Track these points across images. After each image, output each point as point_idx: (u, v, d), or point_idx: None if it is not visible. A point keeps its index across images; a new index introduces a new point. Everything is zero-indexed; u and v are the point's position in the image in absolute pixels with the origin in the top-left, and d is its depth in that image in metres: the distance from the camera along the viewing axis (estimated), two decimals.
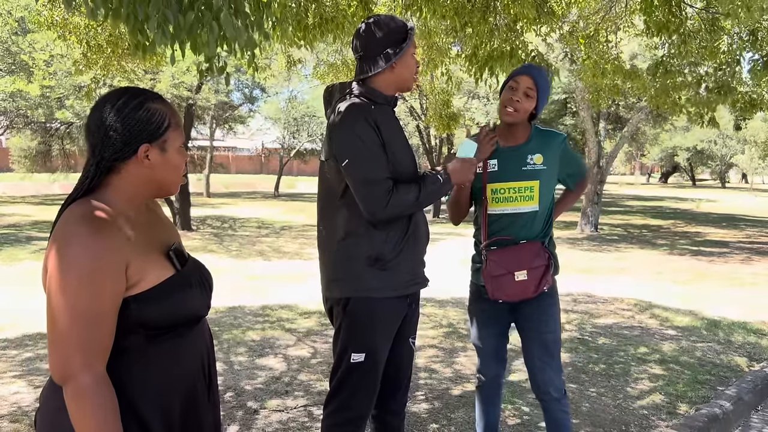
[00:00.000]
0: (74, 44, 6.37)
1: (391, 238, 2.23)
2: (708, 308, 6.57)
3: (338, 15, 4.04)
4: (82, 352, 1.29)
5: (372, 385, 2.33)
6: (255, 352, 4.64)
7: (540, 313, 2.63)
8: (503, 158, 2.60)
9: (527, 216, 2.58)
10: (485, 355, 2.78)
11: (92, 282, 1.29)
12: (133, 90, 1.43)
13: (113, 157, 1.37)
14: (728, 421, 3.73)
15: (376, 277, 2.23)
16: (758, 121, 27.47)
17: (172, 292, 1.41)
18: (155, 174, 1.43)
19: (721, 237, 14.71)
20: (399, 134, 2.30)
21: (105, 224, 1.34)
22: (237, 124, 28.09)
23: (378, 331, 2.28)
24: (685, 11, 4.56)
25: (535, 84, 2.54)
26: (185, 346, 1.48)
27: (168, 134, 1.43)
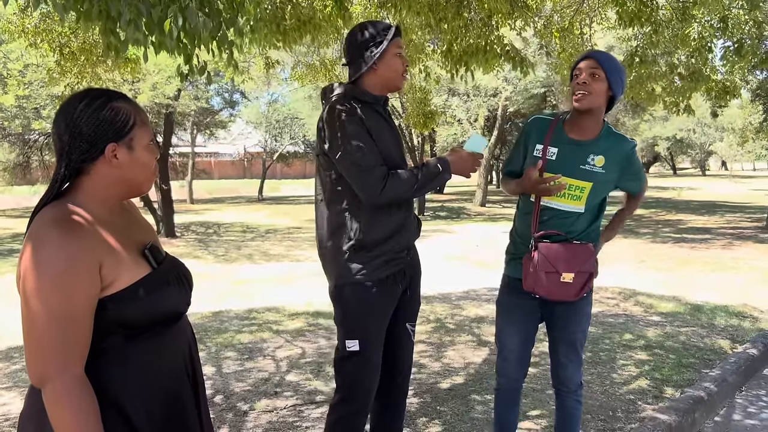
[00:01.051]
0: (47, 52, 6.30)
1: (375, 226, 2.32)
2: (691, 294, 6.66)
3: (315, 16, 4.05)
4: (57, 354, 1.29)
5: (370, 375, 2.39)
6: (243, 354, 4.63)
7: (573, 312, 2.56)
8: (564, 150, 2.44)
9: (569, 215, 2.46)
10: (509, 353, 2.63)
11: (65, 283, 1.29)
12: (95, 91, 1.43)
13: (81, 159, 1.38)
14: (713, 402, 3.78)
15: (362, 263, 2.32)
16: (735, 108, 27.81)
17: (148, 291, 1.41)
18: (124, 173, 1.42)
19: (702, 224, 14.88)
20: (387, 133, 2.38)
21: (77, 226, 1.34)
22: (218, 129, 27.95)
23: (368, 316, 2.36)
24: (656, 1, 4.63)
25: (600, 64, 2.35)
26: (165, 344, 1.48)
27: (134, 132, 1.42)
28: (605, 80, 2.35)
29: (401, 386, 2.63)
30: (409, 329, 2.56)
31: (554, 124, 2.48)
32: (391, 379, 2.57)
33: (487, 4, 4.18)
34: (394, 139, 2.44)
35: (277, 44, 4.02)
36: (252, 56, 8.87)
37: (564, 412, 2.68)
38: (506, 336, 2.64)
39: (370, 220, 2.31)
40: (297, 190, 33.29)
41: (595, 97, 2.36)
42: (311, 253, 11.22)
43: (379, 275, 2.35)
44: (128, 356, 1.40)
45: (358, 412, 2.41)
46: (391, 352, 2.52)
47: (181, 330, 1.54)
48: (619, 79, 2.40)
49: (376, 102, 2.39)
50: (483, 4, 4.23)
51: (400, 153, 2.45)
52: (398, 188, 2.25)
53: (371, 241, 2.32)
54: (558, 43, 6.20)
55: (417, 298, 2.61)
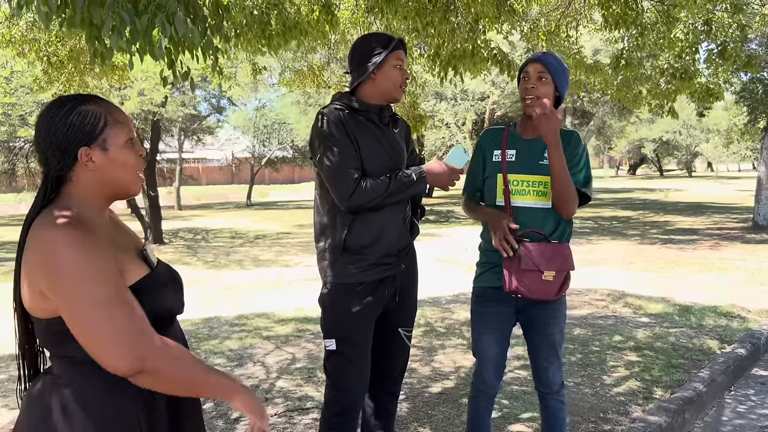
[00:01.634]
0: (34, 61, 6.26)
1: (359, 229, 2.35)
2: (680, 294, 6.71)
3: (301, 21, 4.05)
4: (141, 329, 1.28)
5: (352, 376, 2.41)
6: (233, 361, 4.61)
7: (551, 314, 2.58)
8: (521, 150, 2.52)
9: (540, 212, 2.49)
10: (488, 361, 2.65)
11: (102, 268, 1.29)
12: (62, 98, 1.42)
13: (58, 167, 1.37)
14: (702, 402, 3.81)
15: (344, 265, 2.37)
16: (720, 110, 28.08)
17: (150, 290, 1.41)
18: (104, 175, 1.40)
19: (689, 225, 14.99)
20: (379, 141, 2.42)
21: (85, 224, 1.33)
22: (205, 135, 27.86)
23: (346, 317, 2.38)
24: (641, 4, 4.66)
25: (546, 67, 2.44)
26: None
27: (106, 132, 1.40)
28: (552, 82, 2.45)
29: (392, 389, 2.66)
30: (403, 334, 2.58)
31: (507, 130, 2.59)
32: (382, 382, 2.60)
33: (474, 9, 4.19)
34: (391, 148, 2.46)
35: (262, 49, 4.01)
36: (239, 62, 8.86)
37: (549, 414, 2.70)
38: (485, 344, 2.64)
39: (355, 223, 2.35)
40: (286, 195, 33.22)
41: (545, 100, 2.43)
42: (301, 258, 11.20)
43: (363, 278, 2.37)
44: None
45: (344, 413, 2.43)
46: (383, 355, 2.54)
47: (177, 332, 1.54)
48: (564, 79, 2.51)
49: (369, 110, 2.42)
50: (470, 8, 4.25)
51: (396, 162, 2.47)
52: (367, 194, 2.29)
53: (354, 244, 2.36)
54: (545, 47, 6.23)
55: (411, 304, 2.63)
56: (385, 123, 2.49)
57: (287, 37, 3.89)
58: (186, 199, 28.05)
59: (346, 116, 2.36)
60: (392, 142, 2.49)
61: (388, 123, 2.52)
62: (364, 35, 2.52)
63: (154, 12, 2.01)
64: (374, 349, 2.51)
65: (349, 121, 2.35)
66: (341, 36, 7.19)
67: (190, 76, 2.52)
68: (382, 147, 2.43)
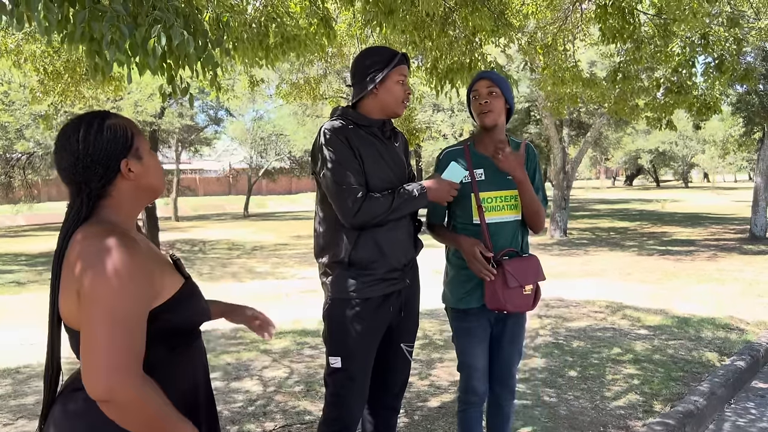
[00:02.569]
0: (30, 72, 6.25)
1: (364, 244, 2.34)
2: (678, 306, 6.70)
3: (300, 34, 4.06)
4: (127, 363, 1.29)
5: (354, 394, 2.39)
6: (230, 375, 4.58)
7: (521, 325, 2.76)
8: (488, 168, 2.61)
9: (512, 225, 2.63)
10: (478, 372, 2.72)
11: (133, 289, 1.32)
12: (86, 117, 1.45)
13: (101, 184, 1.42)
14: (703, 416, 3.79)
15: (351, 281, 2.35)
16: (716, 121, 28.20)
17: (189, 299, 1.48)
18: (141, 182, 1.48)
19: (687, 236, 15.01)
20: (382, 156, 2.41)
21: (128, 239, 1.37)
22: (203, 146, 27.88)
23: (353, 334, 2.35)
24: (638, 18, 4.68)
25: (494, 83, 2.59)
26: (197, 352, 1.55)
27: (136, 142, 1.47)
28: (502, 96, 2.60)
29: (392, 404, 2.65)
30: (405, 349, 2.57)
31: (467, 150, 2.66)
32: (383, 397, 2.59)
33: (472, 22, 4.21)
34: (394, 162, 2.46)
35: (260, 62, 4.02)
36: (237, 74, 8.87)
37: (504, 415, 2.84)
38: (473, 357, 2.71)
39: (360, 239, 2.34)
40: (283, 206, 33.19)
41: (498, 113, 2.60)
42: (297, 270, 11.17)
43: (369, 294, 2.36)
44: (173, 367, 1.44)
45: (343, 430, 2.41)
46: (384, 371, 2.53)
47: (201, 339, 1.60)
48: (511, 92, 2.67)
49: (372, 125, 2.42)
50: (467, 22, 4.26)
51: (399, 176, 2.47)
52: (373, 211, 2.29)
53: (360, 259, 2.34)
54: (542, 60, 6.25)
55: (414, 319, 2.62)
56: (387, 137, 2.50)
57: (285, 50, 3.89)
58: (183, 210, 28.02)
59: (349, 131, 2.35)
60: (394, 157, 2.49)
61: (390, 137, 2.52)
62: (367, 49, 2.51)
63: (152, 24, 2.02)
64: (376, 365, 2.49)
65: (352, 136, 2.35)
66: (338, 49, 7.22)
67: (189, 92, 2.52)
68: (385, 162, 2.43)
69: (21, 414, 3.90)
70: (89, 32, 1.92)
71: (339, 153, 2.29)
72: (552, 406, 3.84)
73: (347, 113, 2.43)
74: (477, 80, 2.64)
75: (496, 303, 2.52)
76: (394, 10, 3.78)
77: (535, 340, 5.38)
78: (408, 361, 2.62)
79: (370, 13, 3.90)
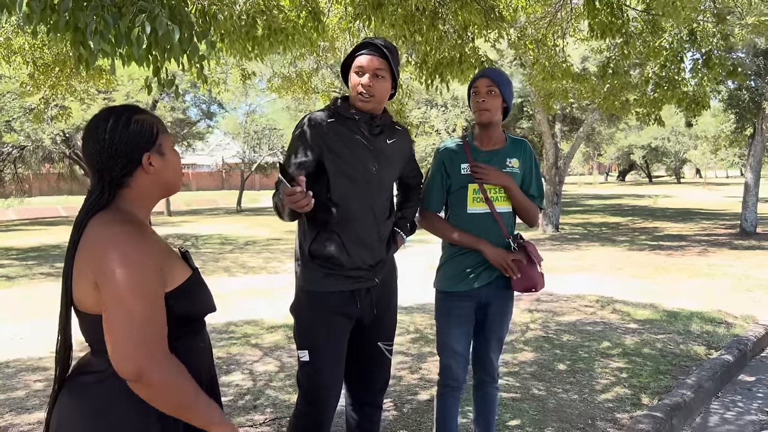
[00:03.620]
0: (20, 65, 6.21)
1: (325, 239, 2.33)
2: (667, 300, 6.73)
3: (288, 26, 4.04)
4: (157, 341, 1.36)
5: (323, 388, 2.37)
6: (221, 369, 4.57)
7: (506, 311, 2.83)
8: (485, 160, 2.71)
9: (507, 215, 2.75)
10: (457, 355, 2.77)
11: (152, 274, 1.39)
12: (116, 109, 1.52)
13: (122, 173, 1.48)
14: (690, 409, 3.82)
15: (311, 272, 2.35)
16: (708, 117, 28.31)
17: (197, 288, 1.54)
18: (160, 177, 1.54)
19: (678, 231, 15.08)
20: (356, 149, 2.36)
21: (142, 227, 1.46)
22: (195, 140, 27.74)
23: (315, 326, 2.34)
24: (626, 13, 4.69)
25: (493, 81, 2.66)
26: (203, 343, 1.59)
27: (161, 138, 1.53)
28: (500, 95, 2.67)
29: (375, 401, 2.63)
30: (383, 348, 2.54)
31: (466, 145, 2.76)
32: (365, 395, 2.58)
33: (462, 16, 4.21)
34: (373, 157, 2.39)
35: (249, 54, 4.00)
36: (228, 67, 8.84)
37: (488, 400, 2.91)
38: (455, 340, 2.77)
39: (322, 233, 2.32)
40: None
41: (494, 112, 2.68)
42: (289, 265, 11.15)
43: (330, 287, 2.34)
44: (179, 355, 1.46)
45: (314, 426, 2.38)
46: (363, 370, 2.52)
47: (207, 332, 1.65)
48: (510, 91, 2.74)
49: (355, 118, 2.37)
50: (458, 16, 4.26)
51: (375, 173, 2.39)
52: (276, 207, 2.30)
53: (321, 253, 2.33)
54: (532, 55, 6.25)
55: (390, 318, 2.58)
56: (375, 133, 2.42)
57: (273, 42, 3.87)
58: (176, 205, 27.92)
59: (326, 124, 2.32)
60: (376, 152, 2.41)
61: (379, 133, 2.44)
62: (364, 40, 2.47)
63: (136, 14, 2.00)
64: (356, 363, 2.49)
65: (326, 128, 2.31)
66: (330, 43, 7.19)
67: (175, 84, 2.50)
68: (360, 156, 2.36)
69: (10, 408, 3.90)
70: (73, 22, 1.91)
71: (291, 149, 2.33)
72: (540, 399, 3.86)
73: (335, 105, 2.40)
74: (478, 78, 2.72)
75: (526, 283, 2.67)
76: (382, 3, 3.78)
77: (526, 334, 5.40)
78: (387, 359, 2.60)
79: (359, 7, 3.89)
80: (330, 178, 2.32)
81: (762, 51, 12.71)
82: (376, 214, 2.42)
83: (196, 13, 2.41)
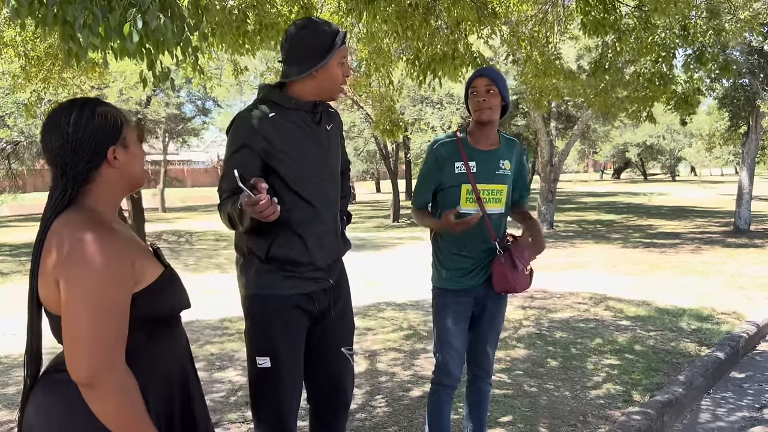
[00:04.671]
0: (11, 58, 6.17)
1: (282, 241, 2.19)
2: (660, 298, 6.75)
3: (279, 21, 4.02)
4: (110, 349, 1.33)
5: (285, 395, 2.23)
6: (213, 365, 4.57)
7: (501, 307, 2.86)
8: (480, 161, 2.71)
9: (498, 216, 2.75)
10: (454, 351, 2.77)
11: (114, 278, 1.35)
12: (78, 101, 1.48)
13: (87, 168, 1.43)
14: (681, 405, 3.82)
15: (267, 276, 2.20)
16: (703, 115, 28.37)
17: (169, 286, 1.50)
18: (126, 171, 1.50)
19: (672, 229, 15.11)
20: (304, 141, 2.22)
21: (109, 225, 1.41)
22: (190, 136, 27.66)
23: (275, 331, 2.20)
24: (619, 10, 4.68)
25: (492, 80, 2.67)
26: (178, 341, 1.56)
27: (125, 131, 1.50)
28: (498, 94, 2.68)
29: (339, 410, 2.45)
30: (345, 353, 2.40)
31: (460, 142, 2.73)
32: (329, 402, 2.42)
33: (455, 12, 4.19)
34: (319, 147, 2.27)
35: (240, 49, 3.97)
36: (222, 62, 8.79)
37: (482, 396, 2.92)
38: (453, 336, 2.76)
39: (281, 235, 2.18)
40: None
41: (494, 110, 2.68)
42: None
43: (289, 290, 2.21)
44: (151, 354, 1.45)
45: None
46: (327, 377, 2.37)
47: (182, 327, 1.61)
48: (507, 89, 2.74)
49: (299, 108, 2.21)
50: (451, 12, 4.24)
51: (326, 163, 2.30)
52: (223, 219, 2.19)
53: (281, 256, 2.19)
54: (525, 52, 6.24)
55: (348, 320, 2.45)
56: (316, 121, 2.27)
57: (264, 38, 3.85)
58: (170, 201, 27.85)
59: (266, 122, 2.16)
60: (323, 142, 2.29)
61: (320, 120, 2.29)
62: (305, 22, 2.24)
63: (127, 8, 1.99)
64: (319, 371, 2.36)
65: (268, 127, 2.15)
66: None
67: (170, 77, 2.49)
68: (311, 147, 2.24)
69: (1, 403, 3.88)
70: (62, 15, 1.89)
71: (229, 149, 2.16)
72: (532, 396, 3.86)
73: (272, 95, 2.21)
74: (476, 77, 2.71)
75: (505, 285, 2.66)
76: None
77: (519, 330, 5.40)
78: (350, 365, 2.45)
79: (352, 2, 3.87)
80: (283, 177, 2.17)
81: (756, 49, 12.73)
82: (331, 208, 2.31)
83: (188, 5, 2.39)
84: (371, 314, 6.04)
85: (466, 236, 2.68)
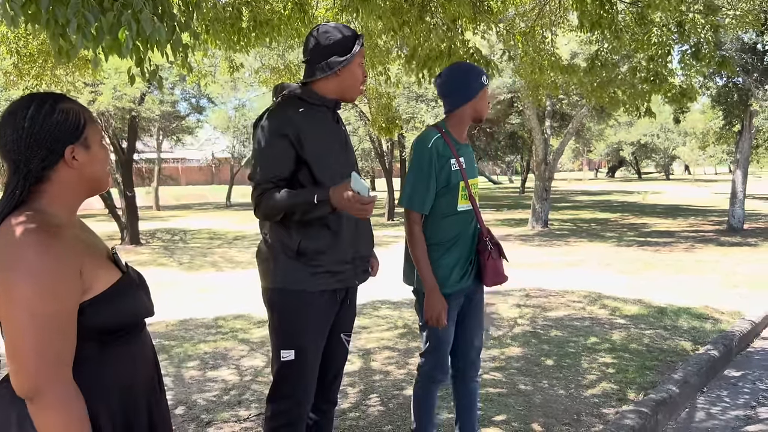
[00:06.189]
0: (3, 55, 6.12)
1: (312, 235, 2.25)
2: (655, 296, 6.75)
3: (273, 18, 3.99)
4: (52, 362, 1.25)
5: (306, 386, 2.34)
6: (207, 364, 4.54)
7: (482, 299, 2.91)
8: (465, 155, 2.73)
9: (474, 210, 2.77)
10: (448, 346, 2.80)
11: (55, 288, 1.26)
12: (38, 96, 1.40)
13: (41, 166, 1.35)
14: (675, 404, 3.82)
15: (300, 272, 2.26)
16: (696, 113, 28.43)
17: (123, 294, 1.41)
18: (85, 173, 1.41)
19: (666, 227, 15.15)
20: (330, 137, 2.33)
21: (55, 230, 1.31)
22: (185, 134, 27.55)
23: (301, 326, 2.28)
24: (615, 6, 4.68)
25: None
26: (137, 350, 1.48)
27: (87, 131, 1.41)
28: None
29: (330, 395, 2.55)
30: (343, 339, 2.49)
31: (447, 137, 2.69)
32: (320, 387, 2.47)
33: (451, 9, 4.17)
34: (340, 144, 2.38)
35: (234, 46, 3.95)
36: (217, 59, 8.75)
37: (471, 394, 2.92)
38: (448, 332, 2.76)
39: (307, 229, 2.24)
40: None
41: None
42: None
43: (318, 287, 2.26)
44: (104, 364, 1.38)
45: (291, 424, 2.33)
46: (324, 360, 2.43)
47: (147, 336, 1.54)
48: None
49: (324, 105, 2.33)
50: (446, 8, 4.23)
51: (344, 157, 2.38)
52: (269, 210, 2.21)
53: (308, 249, 2.24)
54: (521, 48, 6.23)
55: (353, 309, 2.54)
56: (335, 120, 2.41)
57: (259, 34, 3.82)
58: (165, 200, 27.77)
59: (297, 116, 2.23)
60: (342, 139, 2.41)
61: (338, 120, 2.44)
62: (326, 25, 2.37)
63: (120, 10, 1.96)
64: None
65: (302, 121, 2.23)
66: None
67: (158, 74, 2.46)
68: (337, 143, 2.36)
69: None
70: (54, 17, 1.86)
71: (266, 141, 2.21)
72: (527, 395, 3.85)
73: (302, 93, 2.32)
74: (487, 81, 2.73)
75: (497, 278, 2.72)
76: None
77: (513, 329, 5.40)
78: (346, 350, 2.54)
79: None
80: (312, 169, 2.24)
81: (749, 47, 12.76)
82: None
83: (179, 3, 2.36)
84: (366, 312, 6.03)
85: (460, 235, 2.67)
